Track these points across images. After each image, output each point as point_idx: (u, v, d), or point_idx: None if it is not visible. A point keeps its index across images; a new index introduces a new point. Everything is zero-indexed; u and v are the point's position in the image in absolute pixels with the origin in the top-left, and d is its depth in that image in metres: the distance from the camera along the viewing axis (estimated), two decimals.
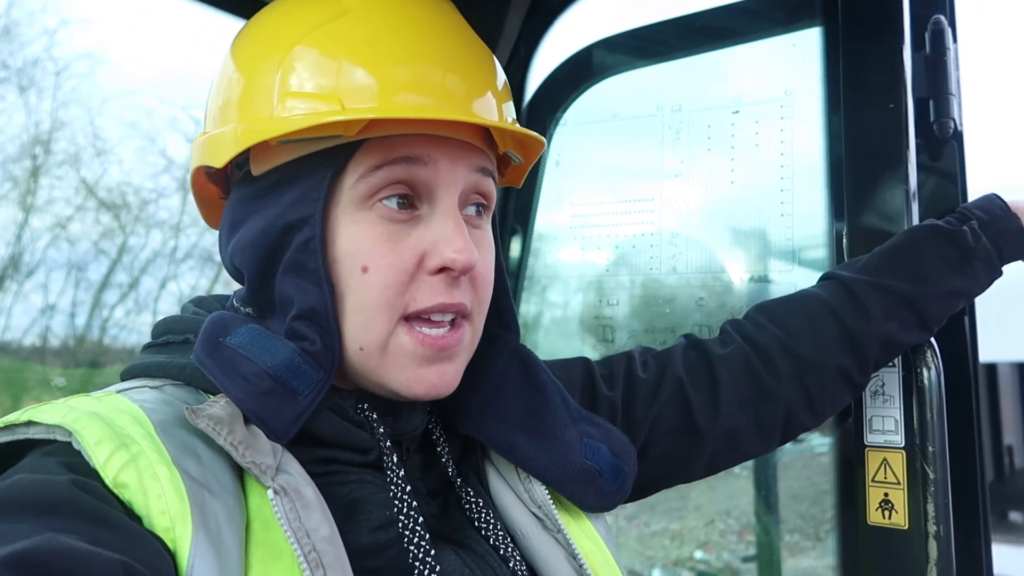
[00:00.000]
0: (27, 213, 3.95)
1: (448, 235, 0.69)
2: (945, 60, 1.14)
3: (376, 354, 0.70)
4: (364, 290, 0.68)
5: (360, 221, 0.68)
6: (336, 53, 0.69)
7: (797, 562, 4.32)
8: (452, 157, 0.70)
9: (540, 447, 0.79)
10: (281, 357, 0.67)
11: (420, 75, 0.69)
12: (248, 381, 0.66)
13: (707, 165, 1.38)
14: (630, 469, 0.82)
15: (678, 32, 1.43)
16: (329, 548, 0.60)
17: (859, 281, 0.98)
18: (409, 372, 0.70)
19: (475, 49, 0.76)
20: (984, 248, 1.00)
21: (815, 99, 1.25)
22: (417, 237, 0.69)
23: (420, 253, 0.69)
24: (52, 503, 0.54)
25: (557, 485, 0.78)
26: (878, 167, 1.13)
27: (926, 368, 1.03)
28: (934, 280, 0.98)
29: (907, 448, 1.04)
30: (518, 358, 0.84)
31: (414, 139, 0.69)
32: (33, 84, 3.46)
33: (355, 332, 0.69)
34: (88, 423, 0.60)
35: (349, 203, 0.69)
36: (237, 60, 0.75)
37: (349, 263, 0.68)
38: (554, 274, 1.66)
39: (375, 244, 0.68)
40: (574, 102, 1.57)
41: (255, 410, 0.65)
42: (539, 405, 0.82)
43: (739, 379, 0.94)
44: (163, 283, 4.26)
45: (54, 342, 4.15)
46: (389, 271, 0.68)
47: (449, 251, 0.68)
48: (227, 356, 0.68)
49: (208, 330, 0.70)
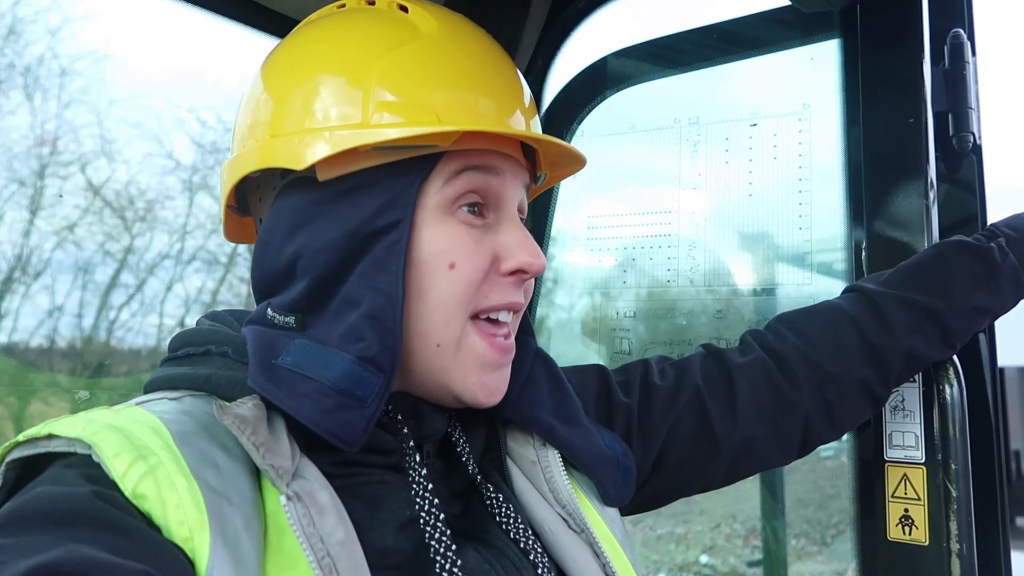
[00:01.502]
0: (33, 215, 3.94)
1: (522, 240, 0.75)
2: (964, 74, 1.14)
3: (451, 352, 0.73)
4: (449, 285, 0.72)
5: (446, 223, 0.73)
6: (427, 71, 0.74)
7: (804, 567, 4.31)
8: (514, 171, 0.77)
9: (573, 431, 0.83)
10: (340, 369, 0.68)
11: (496, 96, 0.77)
12: (313, 400, 0.66)
13: (725, 177, 1.38)
14: (634, 468, 0.86)
15: (695, 43, 1.43)
16: (344, 552, 0.61)
17: (883, 294, 0.98)
18: (475, 376, 0.74)
19: (520, 76, 0.82)
20: (1011, 266, 0.99)
21: (834, 112, 1.24)
22: (491, 241, 0.75)
23: (494, 255, 0.75)
24: (74, 514, 0.54)
25: (591, 468, 0.82)
26: (897, 180, 1.14)
27: (948, 385, 1.03)
28: (959, 295, 0.97)
29: (928, 464, 1.04)
30: (540, 357, 0.87)
31: (489, 153, 0.74)
32: (38, 85, 3.46)
33: (432, 329, 0.72)
34: (107, 436, 0.60)
35: (435, 207, 0.73)
36: (305, 69, 0.76)
37: (436, 261, 0.72)
38: (570, 284, 1.66)
39: (463, 243, 0.73)
40: (591, 113, 1.57)
41: (330, 427, 0.66)
42: (565, 396, 0.86)
43: (758, 389, 0.94)
44: (169, 285, 4.25)
45: (61, 343, 4.14)
46: (474, 268, 0.73)
47: (525, 255, 0.75)
48: (285, 378, 0.68)
49: (258, 352, 0.69)
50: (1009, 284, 1.00)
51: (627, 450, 0.87)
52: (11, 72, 3.50)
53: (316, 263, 0.72)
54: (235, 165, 0.78)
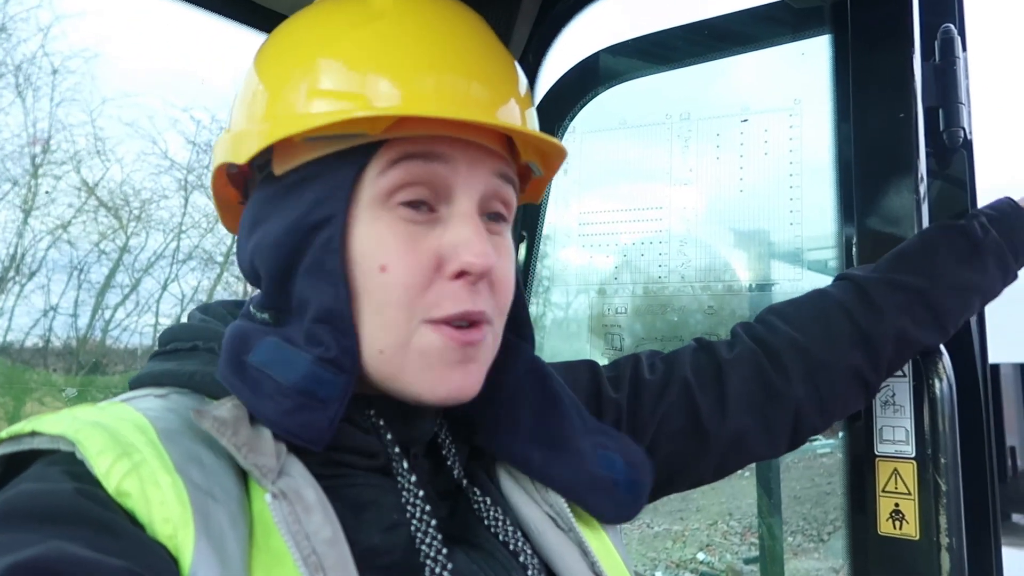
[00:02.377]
0: (27, 214, 3.94)
1: (467, 238, 0.68)
2: (955, 69, 1.15)
3: (397, 357, 0.68)
4: (382, 290, 0.67)
5: (380, 220, 0.68)
6: (365, 55, 0.69)
7: (800, 563, 4.32)
8: (472, 159, 0.70)
9: (554, 457, 0.78)
10: (302, 370, 0.67)
11: (445, 80, 0.69)
12: (275, 400, 0.66)
13: (716, 173, 1.38)
14: (645, 480, 0.82)
15: (686, 39, 1.43)
16: (331, 551, 0.60)
17: (870, 278, 0.98)
18: (435, 372, 0.69)
19: (499, 56, 0.76)
20: (994, 240, 1.00)
21: (824, 107, 1.25)
22: (436, 239, 0.69)
23: (438, 255, 0.68)
24: (56, 512, 0.54)
25: (575, 495, 0.78)
26: (888, 176, 1.14)
27: (937, 379, 1.03)
28: (944, 274, 0.98)
29: (918, 458, 1.04)
30: (533, 368, 0.83)
31: (436, 140, 0.68)
32: (30, 83, 3.44)
33: (375, 334, 0.68)
34: (90, 433, 0.60)
35: (369, 202, 0.68)
36: (264, 65, 0.75)
37: (367, 262, 0.67)
38: (562, 280, 1.66)
39: (394, 243, 0.67)
40: (582, 109, 1.57)
41: (290, 428, 0.65)
42: (553, 415, 0.81)
43: (748, 381, 0.94)
44: (165, 284, 4.25)
45: (56, 343, 4.13)
46: (407, 271, 0.67)
47: (468, 255, 0.67)
48: (252, 376, 0.67)
49: (231, 348, 0.69)
50: (993, 259, 1.00)
51: (637, 461, 0.82)
52: (2, 70, 3.48)
53: (266, 261, 0.72)
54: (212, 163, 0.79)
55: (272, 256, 0.71)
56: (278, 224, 0.71)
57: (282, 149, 0.72)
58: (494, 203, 0.73)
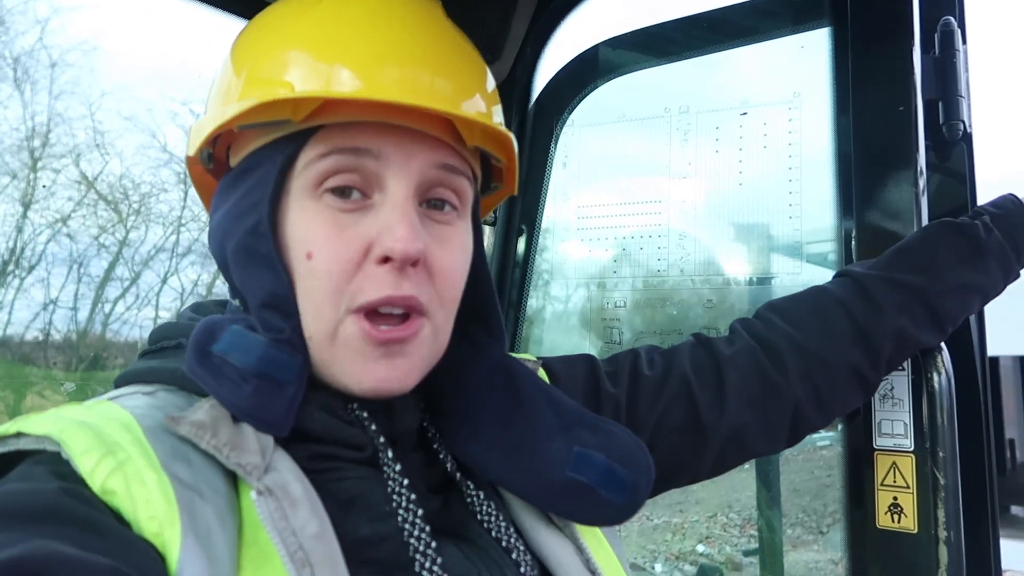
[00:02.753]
0: (26, 207, 3.93)
1: (392, 223, 0.67)
2: (954, 62, 1.14)
3: (325, 345, 0.69)
4: (309, 277, 0.68)
5: (308, 208, 0.69)
6: (299, 45, 0.70)
7: (799, 556, 4.34)
8: (407, 150, 0.69)
9: (516, 464, 0.77)
10: (257, 354, 0.68)
11: (379, 67, 0.68)
12: (235, 384, 0.67)
13: (715, 166, 1.38)
14: (638, 477, 0.78)
15: (685, 32, 1.42)
16: (318, 545, 0.60)
17: (870, 276, 0.97)
18: (358, 366, 0.69)
19: (448, 47, 0.75)
20: (996, 241, 0.99)
21: (824, 100, 1.24)
22: (365, 226, 0.68)
23: (367, 242, 0.68)
24: (41, 511, 0.54)
25: (538, 501, 0.77)
26: (887, 169, 1.13)
27: (936, 372, 1.03)
28: (945, 273, 0.97)
29: (917, 452, 1.04)
30: (502, 369, 0.82)
31: (366, 129, 0.68)
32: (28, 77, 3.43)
33: (307, 321, 0.69)
34: (75, 432, 0.60)
35: (299, 191, 0.69)
36: (227, 58, 0.77)
37: (297, 249, 0.68)
38: (560, 274, 1.66)
39: (320, 230, 0.68)
40: (581, 102, 1.56)
41: (248, 411, 0.66)
42: (520, 418, 0.79)
43: (747, 377, 0.94)
44: (165, 278, 4.24)
45: (56, 337, 4.13)
46: (333, 258, 0.67)
47: (389, 240, 0.67)
48: (215, 364, 0.68)
49: (197, 339, 0.70)
50: (996, 261, 0.99)
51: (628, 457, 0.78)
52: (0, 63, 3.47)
53: (213, 249, 0.74)
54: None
55: (215, 245, 0.74)
56: (221, 212, 0.73)
57: (237, 140, 0.74)
58: (438, 190, 0.72)
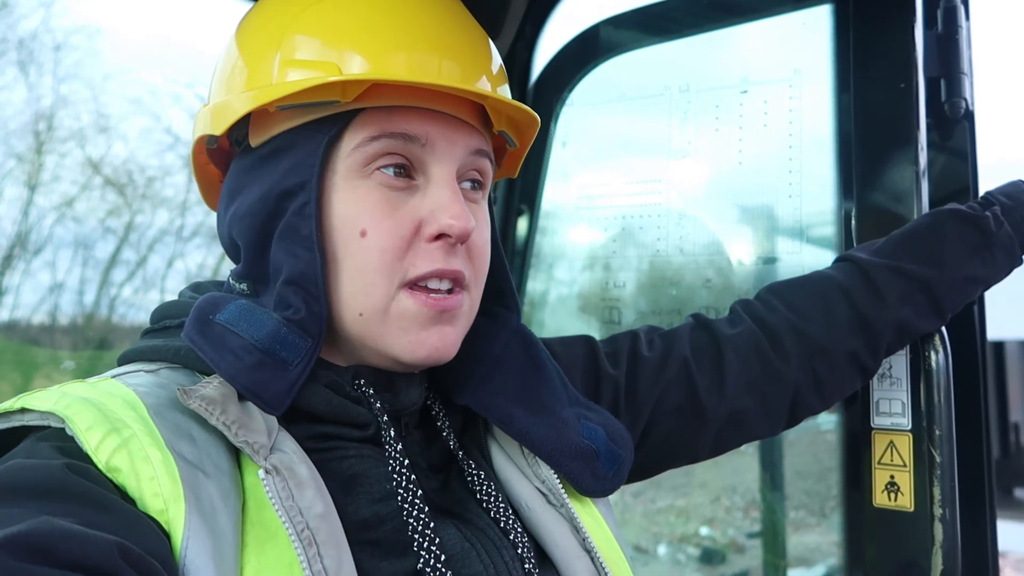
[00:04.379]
0: (32, 191, 3.94)
1: (445, 202, 0.70)
2: (957, 39, 1.13)
3: (377, 320, 0.70)
4: (362, 255, 0.69)
5: (359, 188, 0.70)
6: (338, 25, 0.71)
7: (802, 538, 4.35)
8: (449, 137, 0.72)
9: (538, 421, 0.79)
10: (268, 329, 0.68)
11: (417, 50, 0.70)
12: (237, 356, 0.67)
13: (715, 145, 1.37)
14: (626, 456, 0.82)
15: (686, 10, 1.41)
16: (323, 525, 0.61)
17: (875, 263, 0.97)
18: (412, 335, 0.71)
19: (471, 30, 0.77)
20: (1006, 234, 0.98)
21: (825, 78, 1.23)
22: (415, 205, 0.70)
23: (417, 220, 0.70)
24: (46, 487, 0.55)
25: (555, 460, 0.78)
26: (888, 147, 1.12)
27: (934, 351, 1.03)
28: (952, 265, 0.96)
29: (914, 431, 1.04)
30: (519, 335, 0.85)
31: (411, 114, 0.70)
32: (32, 59, 3.43)
33: (353, 298, 0.70)
34: (79, 409, 0.60)
35: (347, 170, 0.70)
36: (242, 36, 0.76)
37: (348, 228, 0.69)
38: (561, 254, 1.66)
39: (374, 209, 0.69)
40: (581, 82, 1.55)
41: (247, 384, 0.66)
42: (538, 381, 0.82)
43: (747, 360, 0.94)
44: (170, 261, 4.26)
45: (63, 320, 4.16)
46: (387, 235, 0.69)
47: (446, 217, 0.69)
48: (217, 333, 0.68)
49: (199, 308, 0.70)
50: (1003, 253, 0.98)
51: (620, 437, 0.82)
52: (5, 47, 3.47)
53: (243, 229, 0.73)
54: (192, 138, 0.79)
55: (248, 224, 0.72)
56: (254, 193, 0.72)
57: (258, 121, 0.73)
58: (471, 173, 0.75)
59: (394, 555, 0.67)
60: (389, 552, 0.67)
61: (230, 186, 0.76)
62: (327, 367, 0.73)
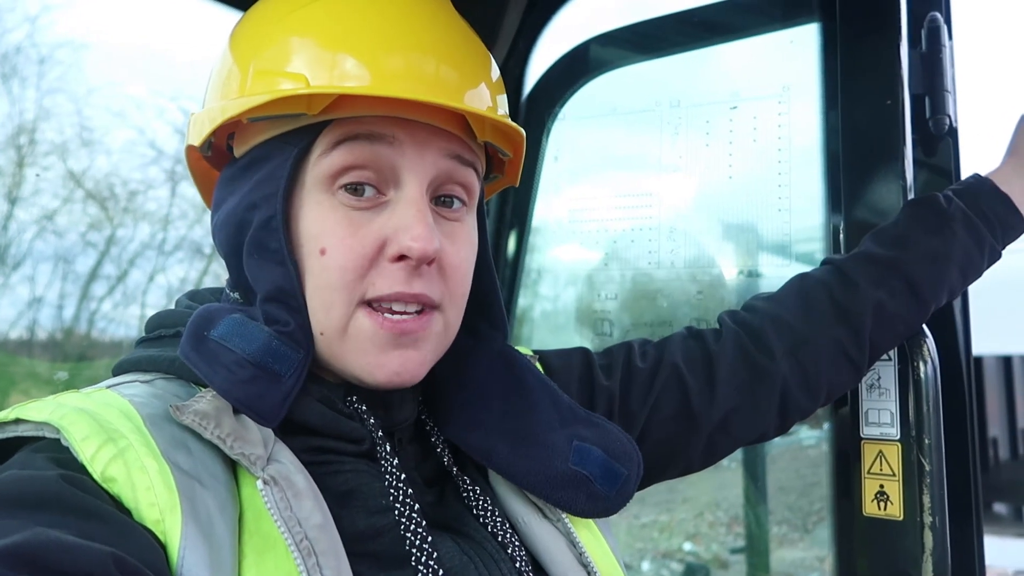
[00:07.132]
0: (12, 204, 3.88)
1: (409, 223, 0.67)
2: (941, 57, 1.16)
3: (337, 339, 0.69)
4: (323, 273, 0.68)
5: (322, 204, 0.69)
6: (306, 35, 0.70)
7: (785, 553, 4.36)
8: (421, 140, 0.69)
9: (520, 453, 0.77)
10: (259, 343, 0.68)
11: (387, 57, 0.68)
12: (230, 371, 0.67)
13: (705, 160, 1.39)
14: (631, 472, 0.80)
15: (676, 27, 1.43)
16: (322, 536, 0.61)
17: (847, 258, 1.00)
18: (371, 357, 0.69)
19: (456, 36, 0.75)
20: (959, 208, 1.00)
21: (813, 95, 1.26)
22: (380, 224, 0.69)
23: (382, 239, 0.68)
24: (41, 498, 0.54)
25: (540, 491, 0.77)
26: (874, 162, 1.15)
27: (922, 361, 1.05)
28: (915, 244, 0.98)
29: (903, 440, 1.05)
30: (504, 359, 0.83)
31: (380, 120, 0.68)
32: (16, 73, 3.40)
33: (317, 316, 0.69)
34: (75, 419, 0.60)
35: (313, 185, 0.69)
36: (227, 48, 0.76)
37: (310, 245, 0.68)
38: (551, 268, 1.67)
39: (335, 227, 0.68)
40: (572, 96, 1.57)
41: (241, 398, 0.66)
42: (522, 408, 0.80)
43: (734, 364, 0.94)
44: (152, 276, 4.21)
45: (42, 335, 4.08)
46: (347, 255, 0.67)
47: (407, 239, 0.67)
48: (211, 349, 0.68)
49: (194, 324, 0.70)
50: (962, 227, 0.99)
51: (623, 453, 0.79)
52: None
53: (221, 241, 0.74)
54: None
55: (224, 237, 0.73)
56: (230, 204, 0.72)
57: (241, 130, 0.73)
58: (448, 186, 0.73)
59: (392, 568, 0.67)
60: (387, 565, 0.67)
61: (216, 196, 0.77)
62: (318, 382, 0.72)
